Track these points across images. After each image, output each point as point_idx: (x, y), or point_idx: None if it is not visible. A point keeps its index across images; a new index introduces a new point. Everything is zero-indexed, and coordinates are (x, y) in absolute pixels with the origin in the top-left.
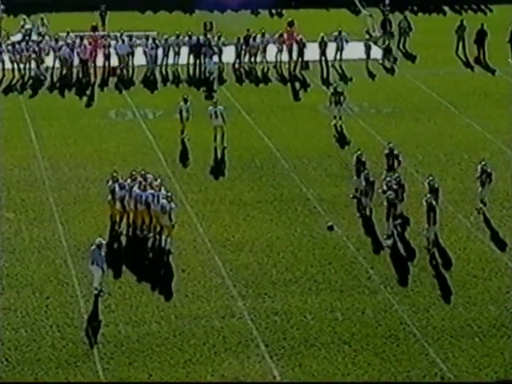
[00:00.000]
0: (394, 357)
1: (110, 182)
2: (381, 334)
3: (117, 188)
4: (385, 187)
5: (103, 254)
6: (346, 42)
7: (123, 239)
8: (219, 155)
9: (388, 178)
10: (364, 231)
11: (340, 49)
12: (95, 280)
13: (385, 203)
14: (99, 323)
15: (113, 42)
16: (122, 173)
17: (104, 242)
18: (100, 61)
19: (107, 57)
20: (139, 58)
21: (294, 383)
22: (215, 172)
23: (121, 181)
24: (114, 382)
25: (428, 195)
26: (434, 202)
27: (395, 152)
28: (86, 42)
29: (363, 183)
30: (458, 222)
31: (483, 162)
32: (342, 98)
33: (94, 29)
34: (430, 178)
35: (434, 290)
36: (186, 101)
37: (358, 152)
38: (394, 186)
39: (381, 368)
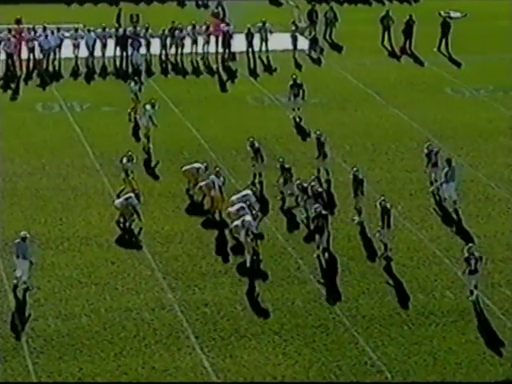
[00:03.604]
0: (324, 346)
1: None
2: (311, 323)
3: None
4: (310, 193)
5: (29, 246)
6: (270, 32)
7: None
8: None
9: (316, 187)
10: (293, 222)
11: (264, 40)
12: (23, 274)
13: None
14: (28, 317)
15: (38, 35)
16: (50, 166)
17: (28, 236)
18: (25, 54)
19: (32, 50)
20: (66, 51)
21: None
22: (143, 164)
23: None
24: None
25: (381, 197)
26: (388, 205)
27: (321, 140)
28: (10, 35)
29: (281, 172)
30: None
31: (428, 143)
32: (301, 91)
33: (18, 22)
34: (355, 169)
35: (362, 279)
36: (136, 82)
37: (251, 139)
38: (319, 189)
39: (311, 357)
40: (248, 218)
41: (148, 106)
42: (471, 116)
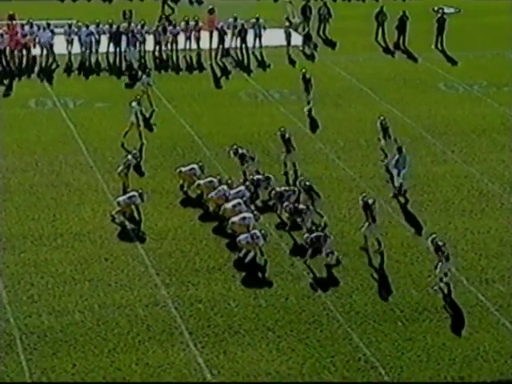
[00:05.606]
0: (317, 342)
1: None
2: (304, 319)
3: None
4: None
5: None
6: (264, 28)
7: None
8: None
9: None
10: (286, 218)
11: (258, 36)
12: None
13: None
14: (22, 314)
15: (33, 31)
16: (43, 163)
17: None
18: (19, 49)
19: (26, 45)
20: (59, 47)
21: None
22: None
23: None
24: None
25: (363, 194)
26: (370, 201)
27: (286, 136)
28: (3, 30)
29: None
30: (379, 208)
31: (381, 118)
32: (309, 85)
33: (12, 17)
34: (301, 179)
35: (356, 276)
36: (148, 74)
37: (234, 147)
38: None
39: (305, 354)
40: (249, 214)
41: (134, 103)
42: (465, 112)
